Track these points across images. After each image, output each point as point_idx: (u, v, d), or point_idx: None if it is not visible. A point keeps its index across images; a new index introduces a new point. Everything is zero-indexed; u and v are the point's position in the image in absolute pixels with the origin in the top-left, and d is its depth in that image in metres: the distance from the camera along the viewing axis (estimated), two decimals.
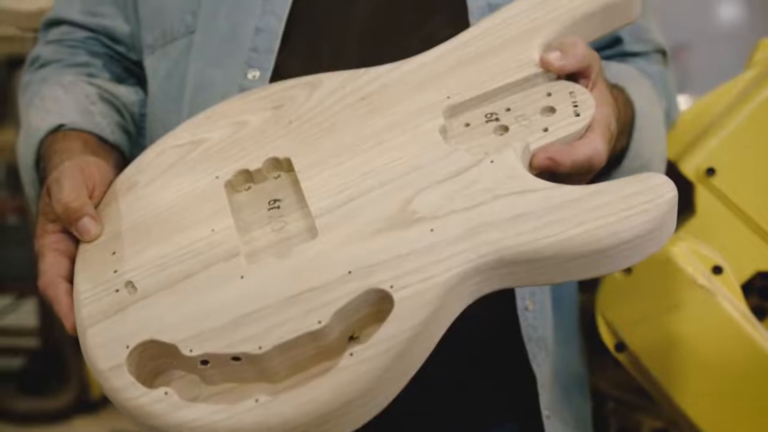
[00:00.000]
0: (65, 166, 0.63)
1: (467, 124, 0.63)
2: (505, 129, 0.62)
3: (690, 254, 0.85)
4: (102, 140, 0.78)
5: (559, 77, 0.65)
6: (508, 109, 0.63)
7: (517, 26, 0.68)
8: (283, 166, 0.64)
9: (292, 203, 0.61)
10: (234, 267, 0.56)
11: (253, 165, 0.63)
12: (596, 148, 0.60)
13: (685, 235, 0.88)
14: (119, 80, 0.87)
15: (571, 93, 0.63)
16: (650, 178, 0.54)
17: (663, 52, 0.96)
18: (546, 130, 0.61)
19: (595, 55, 0.66)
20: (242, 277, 0.55)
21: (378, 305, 0.53)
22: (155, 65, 0.81)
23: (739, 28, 4.66)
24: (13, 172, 3.56)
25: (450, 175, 0.57)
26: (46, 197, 0.63)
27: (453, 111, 0.63)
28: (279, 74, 0.74)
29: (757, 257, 0.88)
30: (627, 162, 0.80)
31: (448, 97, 0.64)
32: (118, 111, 0.83)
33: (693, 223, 0.89)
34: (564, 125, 0.61)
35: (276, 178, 0.64)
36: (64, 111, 0.77)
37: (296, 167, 0.62)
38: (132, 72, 0.88)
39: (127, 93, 0.85)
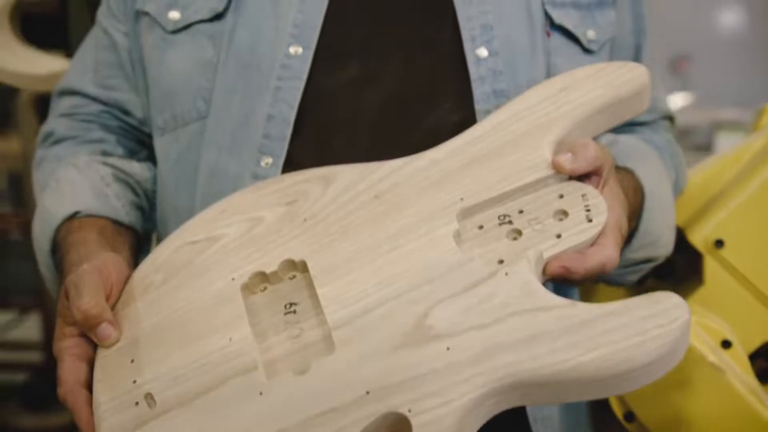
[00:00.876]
0: (83, 270, 0.64)
1: (481, 227, 0.64)
2: (519, 233, 0.62)
3: (699, 329, 0.85)
4: (117, 223, 0.78)
5: (570, 177, 0.65)
6: (521, 211, 0.64)
7: (528, 121, 0.68)
8: (298, 267, 0.64)
9: (307, 308, 0.62)
10: (252, 382, 0.57)
11: (269, 267, 0.64)
12: (608, 255, 0.61)
13: (693, 305, 0.89)
14: (132, 153, 0.88)
15: (583, 196, 0.64)
16: (663, 299, 0.55)
17: (670, 118, 0.97)
18: (559, 236, 0.61)
19: (607, 154, 0.67)
20: (261, 393, 0.56)
21: (395, 426, 0.54)
22: (166, 148, 0.81)
23: (741, 37, 4.66)
24: (15, 184, 3.56)
25: (465, 288, 0.58)
26: (65, 300, 0.64)
27: (466, 213, 0.64)
28: (291, 161, 0.74)
29: (765, 328, 0.88)
30: (636, 240, 0.81)
31: (462, 199, 0.64)
32: (132, 189, 0.84)
33: (701, 292, 0.90)
34: (577, 232, 0.61)
35: (291, 278, 0.64)
36: (79, 196, 0.78)
37: (312, 272, 0.62)
38: (144, 143, 0.88)
39: (141, 170, 0.86)
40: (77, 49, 1.09)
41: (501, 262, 0.60)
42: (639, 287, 0.96)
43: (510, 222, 0.63)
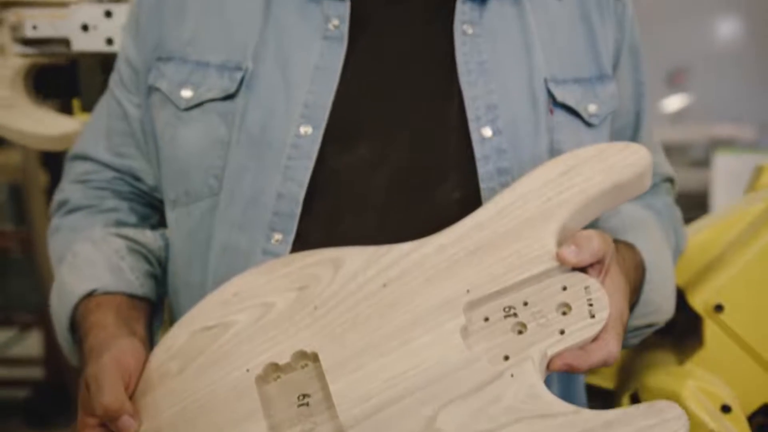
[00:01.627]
0: (103, 364, 0.66)
1: (486, 318, 0.65)
2: (524, 326, 0.64)
3: (699, 394, 0.87)
4: (132, 296, 0.80)
5: (573, 268, 0.67)
6: (526, 303, 0.65)
7: (531, 206, 0.70)
8: (310, 357, 0.66)
9: (320, 401, 0.64)
10: None
11: (282, 359, 0.65)
12: (610, 351, 0.63)
13: (693, 368, 0.91)
14: (144, 218, 0.90)
15: (586, 288, 0.65)
16: (665, 410, 0.57)
17: (671, 180, 0.99)
18: (562, 332, 0.63)
19: (609, 244, 0.69)
20: None
21: None
22: (178, 221, 0.83)
23: (738, 52, 4.69)
24: (15, 196, 3.58)
25: (472, 390, 0.60)
26: (86, 391, 0.66)
27: (473, 305, 0.66)
28: (301, 238, 0.76)
29: (764, 390, 0.90)
30: (638, 310, 0.83)
31: (468, 291, 0.66)
32: (146, 259, 0.86)
33: (701, 354, 0.92)
34: (580, 328, 0.63)
35: (303, 367, 0.66)
36: (96, 272, 0.80)
37: (323, 364, 0.64)
38: (156, 207, 0.90)
39: (153, 239, 0.87)
40: (86, 97, 1.11)
41: (506, 358, 0.62)
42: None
43: (515, 314, 0.65)
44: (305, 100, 0.78)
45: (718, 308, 0.90)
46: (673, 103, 4.47)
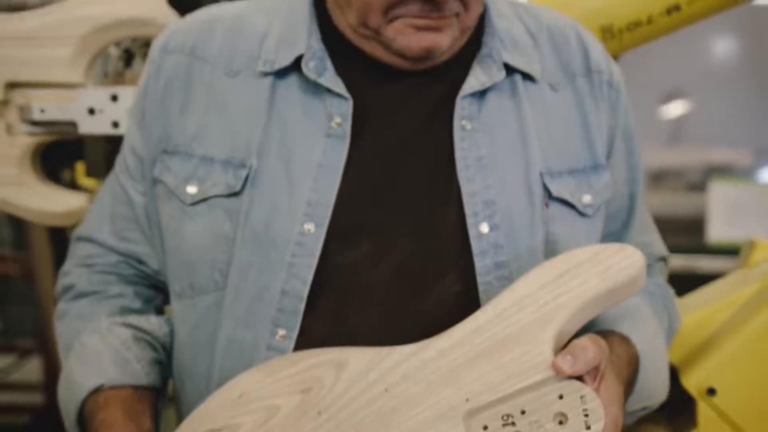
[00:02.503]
0: None
1: (485, 427, 0.67)
2: None
3: None
4: (138, 386, 0.83)
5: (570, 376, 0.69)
6: (523, 412, 0.67)
7: (528, 311, 0.72)
8: None
9: None
10: None
11: None
12: None
13: None
14: (149, 300, 0.93)
15: (581, 398, 0.67)
16: None
17: (664, 259, 1.01)
18: None
19: (604, 351, 0.71)
20: None
21: None
22: (183, 313, 0.85)
23: (734, 75, 4.71)
24: (15, 224, 3.59)
25: None
26: None
27: (472, 413, 0.68)
28: (305, 334, 0.78)
29: None
30: (632, 397, 0.85)
31: (467, 400, 0.68)
32: (152, 346, 0.88)
33: None
34: None
35: None
36: (103, 365, 0.82)
37: None
38: (160, 288, 0.92)
39: (159, 325, 0.89)
40: (90, 163, 1.13)
41: None
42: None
43: (513, 423, 0.67)
44: (308, 198, 0.80)
45: (711, 392, 0.92)
46: (674, 109, 4.46)
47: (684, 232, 3.61)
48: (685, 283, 3.15)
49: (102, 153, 1.14)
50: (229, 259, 0.81)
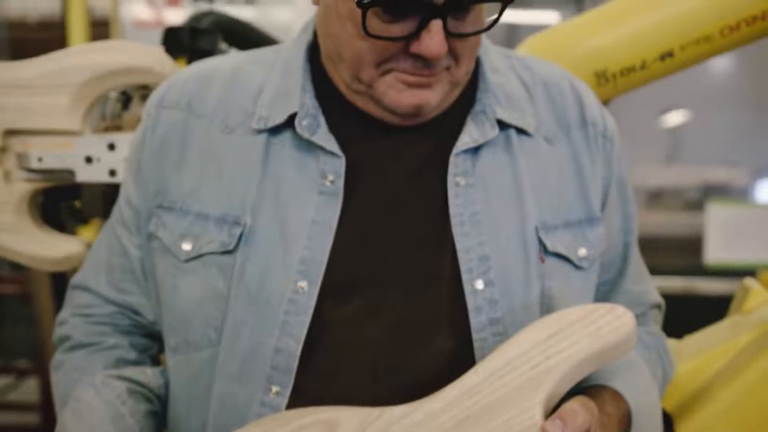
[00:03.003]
0: None
1: None
2: None
3: None
4: None
5: None
6: None
7: (519, 372, 0.72)
8: None
9: None
10: None
11: None
12: None
13: None
14: (145, 350, 0.93)
15: None
16: None
17: (658, 306, 1.01)
18: None
19: (594, 415, 0.71)
20: None
21: None
22: (178, 367, 0.86)
23: (732, 93, 4.73)
24: None
25: None
26: None
27: None
28: (299, 391, 0.79)
29: None
30: None
31: None
32: (147, 398, 0.88)
33: None
34: None
35: None
36: (98, 419, 0.82)
37: None
38: (156, 338, 0.93)
39: (153, 377, 0.90)
40: (88, 204, 1.14)
41: None
42: None
43: None
44: (302, 256, 0.80)
45: None
46: (673, 119, 4.47)
47: (682, 252, 3.62)
48: (684, 304, 3.16)
49: (99, 192, 1.14)
50: (223, 316, 0.82)
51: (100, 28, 3.23)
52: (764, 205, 3.51)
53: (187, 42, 1.26)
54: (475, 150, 0.85)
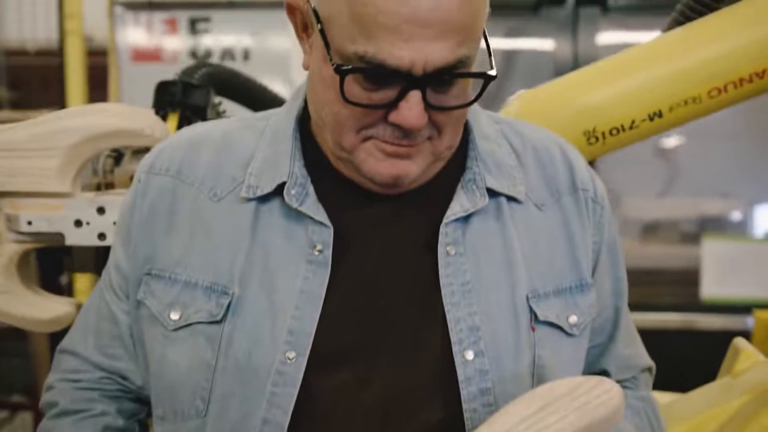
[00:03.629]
0: None
1: None
2: None
3: None
4: None
5: None
6: None
7: None
8: None
9: None
10: None
11: None
12: None
13: None
14: (133, 415, 0.93)
15: None
16: None
17: (649, 369, 1.01)
18: None
19: None
20: None
21: None
22: None
23: (727, 124, 4.74)
24: None
25: None
26: None
27: None
28: None
29: None
30: None
31: None
32: None
33: None
34: None
35: None
36: None
37: None
38: (144, 402, 0.92)
39: None
40: (78, 258, 1.13)
41: None
42: None
43: None
44: (290, 326, 0.80)
45: None
46: (668, 148, 4.48)
47: (679, 285, 3.61)
48: (683, 339, 3.13)
49: (91, 248, 1.14)
50: (210, 387, 0.81)
51: (98, 57, 3.25)
52: (760, 240, 3.52)
53: (179, 97, 1.27)
54: (466, 218, 0.85)
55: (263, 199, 0.85)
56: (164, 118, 1.29)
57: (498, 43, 3.06)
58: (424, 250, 0.84)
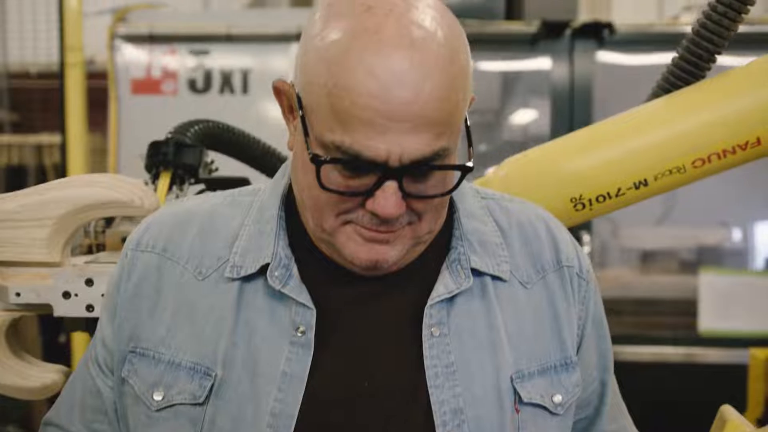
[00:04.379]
0: None
1: None
2: None
3: None
4: None
5: None
6: None
7: None
8: None
9: None
10: None
11: None
12: None
13: None
14: None
15: None
16: None
17: None
18: None
19: None
20: None
21: None
22: None
23: None
24: None
25: None
26: None
27: None
28: None
29: None
30: None
31: None
32: None
33: None
34: None
35: None
36: None
37: None
38: None
39: None
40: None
41: None
42: None
43: None
44: (272, 409, 0.81)
45: None
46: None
47: (678, 315, 3.61)
48: (683, 373, 3.11)
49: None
50: None
51: (98, 80, 3.27)
52: (758, 272, 3.52)
53: (171, 156, 1.28)
54: (450, 298, 0.85)
55: (247, 278, 0.85)
56: (156, 176, 1.30)
57: (496, 66, 3.08)
58: (409, 330, 0.84)
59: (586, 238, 3.00)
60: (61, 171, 3.08)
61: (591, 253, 3.29)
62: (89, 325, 1.11)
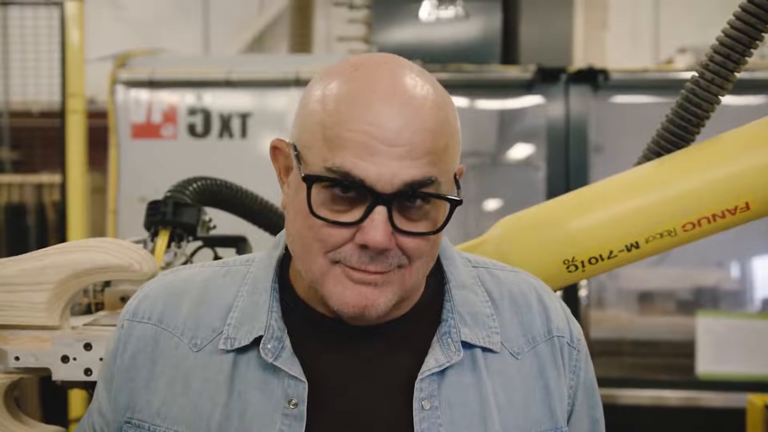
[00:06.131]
0: None
1: None
2: None
3: None
4: None
5: None
6: None
7: None
8: None
9: None
10: None
11: None
12: None
13: None
14: None
15: None
16: None
17: None
18: None
19: None
20: None
21: None
22: None
23: None
24: None
25: None
26: None
27: None
28: None
29: None
30: None
31: None
32: None
33: None
34: None
35: None
36: None
37: None
38: None
39: None
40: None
41: None
42: None
43: None
44: None
45: None
46: None
47: (676, 357, 3.60)
48: (682, 417, 3.10)
49: None
50: None
51: (99, 119, 3.30)
52: (755, 315, 3.52)
53: (169, 216, 1.30)
54: (441, 371, 0.86)
55: (241, 350, 0.87)
56: (155, 235, 1.32)
57: (494, 104, 3.13)
58: (400, 401, 0.85)
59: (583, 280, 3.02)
60: (60, 210, 3.10)
61: (588, 294, 3.31)
62: (87, 384, 1.12)
